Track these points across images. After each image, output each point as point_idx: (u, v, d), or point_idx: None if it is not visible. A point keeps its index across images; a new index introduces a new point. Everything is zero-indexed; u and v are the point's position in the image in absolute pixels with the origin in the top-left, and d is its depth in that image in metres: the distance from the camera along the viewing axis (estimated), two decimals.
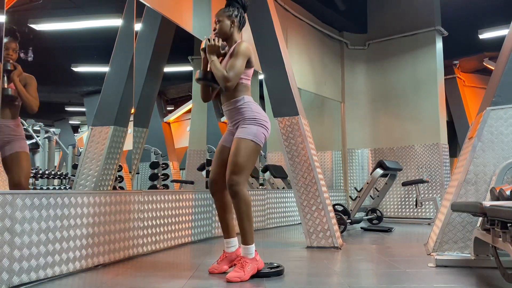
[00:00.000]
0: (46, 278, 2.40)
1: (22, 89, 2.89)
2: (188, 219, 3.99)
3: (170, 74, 6.25)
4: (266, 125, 2.58)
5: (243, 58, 2.52)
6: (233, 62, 2.50)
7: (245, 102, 2.57)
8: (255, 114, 2.56)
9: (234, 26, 2.65)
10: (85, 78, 4.88)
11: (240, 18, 2.67)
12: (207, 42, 2.57)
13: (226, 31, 2.64)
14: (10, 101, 2.85)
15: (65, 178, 4.78)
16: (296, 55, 6.23)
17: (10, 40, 2.91)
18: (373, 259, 3.28)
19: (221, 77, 2.47)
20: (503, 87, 3.18)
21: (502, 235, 2.04)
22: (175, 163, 6.95)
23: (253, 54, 2.59)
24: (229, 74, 2.46)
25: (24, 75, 2.95)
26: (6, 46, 2.87)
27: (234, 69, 2.47)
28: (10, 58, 2.90)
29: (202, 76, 2.64)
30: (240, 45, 2.55)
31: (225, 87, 2.49)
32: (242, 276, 2.39)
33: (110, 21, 4.62)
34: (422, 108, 6.71)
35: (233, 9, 2.65)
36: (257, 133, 2.52)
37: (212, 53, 2.56)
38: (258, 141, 2.52)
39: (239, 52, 2.51)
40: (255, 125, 2.53)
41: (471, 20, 7.36)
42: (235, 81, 2.49)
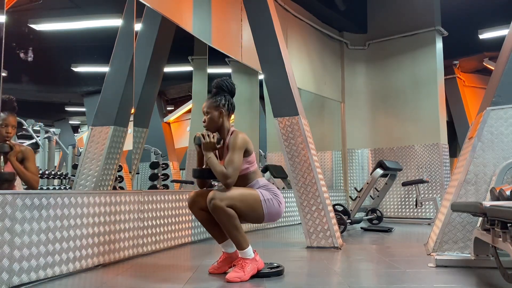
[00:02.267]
0: (46, 278, 2.40)
1: (21, 168, 2.81)
2: (188, 219, 3.99)
3: (170, 74, 6.26)
4: (279, 200, 2.54)
5: (240, 151, 2.46)
6: (231, 157, 2.44)
7: (261, 185, 2.55)
8: (271, 188, 2.55)
9: (223, 115, 2.59)
10: (85, 78, 4.88)
11: (228, 105, 2.61)
12: (202, 139, 2.51)
13: (216, 122, 2.59)
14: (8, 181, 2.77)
15: (65, 178, 4.78)
16: (296, 55, 6.23)
17: (9, 114, 2.79)
18: (373, 259, 3.28)
19: (221, 175, 2.42)
20: (503, 87, 3.18)
21: (502, 235, 2.04)
22: (175, 163, 6.95)
23: (249, 143, 2.54)
24: (228, 171, 2.41)
25: (21, 149, 2.86)
26: (5, 123, 2.77)
27: (232, 165, 2.42)
28: (8, 136, 2.81)
29: (199, 175, 2.61)
30: (236, 138, 2.49)
31: (226, 185, 2.42)
32: (242, 276, 2.39)
33: (110, 21, 4.62)
34: (422, 108, 6.71)
35: (220, 98, 2.59)
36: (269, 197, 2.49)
37: (208, 150, 2.50)
38: (263, 201, 2.47)
39: (235, 146, 2.46)
40: (269, 194, 2.52)
41: (471, 20, 7.36)
42: (235, 177, 2.44)
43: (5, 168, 2.80)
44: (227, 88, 2.64)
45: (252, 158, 2.58)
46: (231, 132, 2.60)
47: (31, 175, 2.85)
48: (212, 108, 2.59)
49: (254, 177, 2.58)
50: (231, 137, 2.55)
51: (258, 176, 2.59)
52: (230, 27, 5.11)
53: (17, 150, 2.82)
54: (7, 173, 2.78)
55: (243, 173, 2.54)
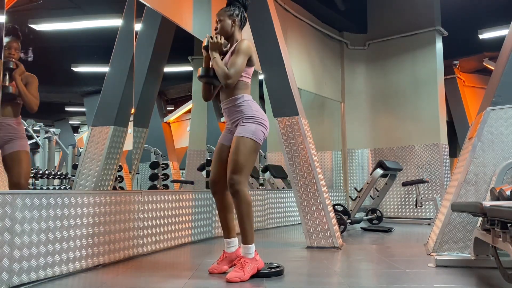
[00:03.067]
0: (46, 278, 2.40)
1: (23, 87, 2.89)
2: (188, 219, 3.99)
3: (170, 74, 6.25)
4: (265, 124, 2.59)
5: (244, 56, 2.53)
6: (234, 59, 2.51)
7: (245, 100, 2.58)
8: (254, 112, 2.57)
9: (235, 25, 2.67)
10: (85, 78, 4.88)
11: (241, 17, 2.69)
12: (209, 39, 2.58)
13: (227, 30, 2.66)
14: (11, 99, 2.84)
15: (65, 178, 4.78)
16: (296, 55, 6.23)
17: (12, 39, 2.90)
18: (373, 259, 3.28)
19: (222, 74, 2.49)
20: (503, 87, 3.18)
21: (502, 235, 2.04)
22: (175, 163, 6.95)
23: (254, 53, 2.61)
24: (230, 71, 2.48)
25: (26, 74, 2.94)
26: (8, 46, 2.87)
27: (235, 66, 2.49)
28: (12, 57, 2.90)
29: (204, 73, 2.65)
30: (242, 43, 2.56)
31: (225, 84, 2.50)
32: (242, 276, 2.39)
33: (110, 21, 4.62)
34: (422, 108, 6.71)
35: (234, 8, 2.67)
36: (256, 131, 2.53)
37: (214, 50, 2.58)
38: (257, 139, 2.53)
39: (241, 50, 2.53)
40: (254, 124, 2.54)
41: (471, 20, 7.36)
42: (235, 78, 2.50)
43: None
44: (242, 1, 2.71)
45: (250, 70, 2.64)
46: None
47: (32, 97, 2.92)
48: (225, 16, 2.66)
49: (243, 89, 2.61)
50: (237, 43, 2.60)
51: (246, 91, 2.62)
52: None
53: (21, 69, 2.90)
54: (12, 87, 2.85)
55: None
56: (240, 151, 2.48)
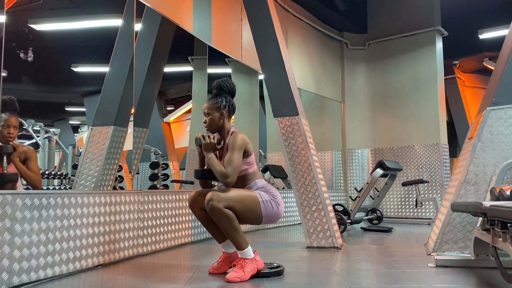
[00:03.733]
0: (46, 278, 2.40)
1: (24, 169, 2.83)
2: (188, 219, 3.99)
3: (170, 74, 6.26)
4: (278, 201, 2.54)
5: (239, 151, 2.48)
6: (230, 157, 2.45)
7: (259, 187, 2.56)
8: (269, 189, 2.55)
9: (224, 116, 2.61)
10: (85, 78, 4.88)
11: (229, 106, 2.63)
12: (202, 140, 2.54)
13: (216, 123, 2.61)
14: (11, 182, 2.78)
15: (65, 178, 4.78)
16: (296, 55, 6.23)
17: (11, 115, 2.80)
18: (373, 259, 3.28)
19: (220, 174, 2.43)
20: (503, 87, 3.18)
21: (502, 235, 2.04)
22: (175, 163, 6.95)
23: (249, 143, 2.56)
24: (228, 170, 2.42)
25: (23, 150, 2.86)
26: (7, 124, 2.78)
27: (231, 165, 2.43)
28: (11, 137, 2.81)
29: (200, 176, 2.64)
30: (235, 138, 2.50)
31: (225, 183, 2.44)
32: (242, 276, 2.39)
33: (110, 21, 4.62)
34: (422, 108, 6.71)
35: (221, 100, 2.61)
36: (267, 199, 2.50)
37: (209, 151, 2.52)
38: (261, 202, 2.48)
39: (234, 146, 2.48)
40: (268, 195, 2.52)
41: (471, 20, 7.36)
42: (235, 176, 2.45)
43: (8, 169, 2.80)
44: (228, 89, 2.65)
45: (251, 159, 2.59)
46: (231, 132, 2.61)
47: (34, 175, 2.86)
48: (213, 109, 2.60)
49: (253, 178, 2.58)
50: (230, 137, 2.56)
51: (257, 178, 2.60)
52: (230, 27, 5.11)
53: (20, 151, 2.83)
54: (11, 174, 2.79)
55: (242, 174, 2.54)
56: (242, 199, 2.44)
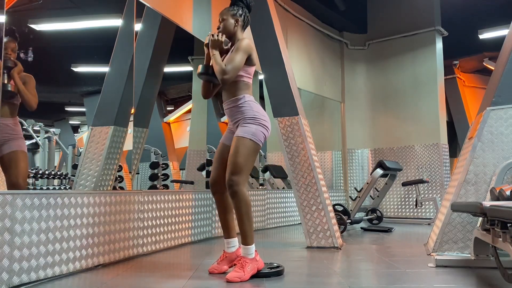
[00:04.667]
0: (46, 278, 2.40)
1: (22, 86, 2.89)
2: (188, 219, 3.99)
3: (170, 74, 6.25)
4: (266, 125, 2.58)
5: (243, 54, 2.52)
6: (232, 56, 2.51)
7: (246, 101, 2.58)
8: (255, 113, 2.56)
9: (238, 25, 2.66)
10: (85, 78, 4.88)
11: (244, 17, 2.69)
12: (211, 37, 2.58)
13: (230, 30, 2.66)
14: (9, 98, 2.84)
15: (65, 178, 4.78)
16: (296, 55, 6.23)
17: (9, 39, 2.90)
18: (373, 259, 3.28)
19: (219, 70, 2.48)
20: (503, 87, 3.18)
21: (502, 235, 2.04)
22: (175, 163, 6.95)
23: (254, 51, 2.60)
24: (227, 67, 2.47)
25: (22, 74, 2.94)
26: (6, 46, 2.86)
27: (232, 63, 2.48)
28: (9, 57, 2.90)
29: (204, 71, 2.65)
30: (242, 41, 2.56)
31: (221, 80, 2.49)
32: (242, 276, 2.39)
33: (110, 21, 4.62)
34: (422, 108, 6.71)
35: (238, 8, 2.67)
36: (256, 132, 2.52)
37: (215, 47, 2.57)
38: (257, 140, 2.52)
39: (240, 47, 2.52)
40: (255, 124, 2.54)
41: (471, 20, 7.36)
42: (232, 74, 2.48)
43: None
44: (246, 1, 2.71)
45: (251, 70, 2.62)
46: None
47: (30, 95, 2.93)
48: (228, 15, 2.66)
49: (244, 89, 2.60)
50: (238, 41, 2.59)
51: (247, 91, 2.62)
52: None
53: (20, 68, 2.90)
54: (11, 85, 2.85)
55: (236, 80, 2.57)
56: (239, 152, 2.47)
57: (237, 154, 2.47)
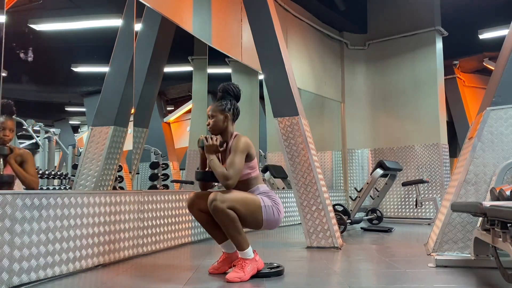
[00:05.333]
0: (46, 278, 2.40)
1: (20, 170, 2.82)
2: (188, 219, 3.99)
3: (170, 74, 6.25)
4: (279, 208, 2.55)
5: (242, 154, 2.47)
6: (232, 159, 2.45)
7: (261, 192, 2.56)
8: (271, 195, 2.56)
9: (228, 119, 2.60)
10: (85, 78, 4.88)
11: (233, 110, 2.63)
12: (205, 141, 2.53)
13: (220, 126, 2.60)
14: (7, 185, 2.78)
15: (65, 178, 4.78)
16: (296, 55, 6.23)
17: (7, 118, 2.81)
18: (373, 259, 3.28)
19: (221, 176, 2.43)
20: (503, 87, 3.18)
21: (502, 235, 2.04)
22: (175, 163, 6.95)
23: (252, 147, 2.55)
24: (229, 172, 2.42)
25: (20, 152, 2.87)
26: (3, 126, 2.79)
27: (233, 167, 2.43)
28: (7, 139, 2.81)
29: (201, 177, 2.63)
30: (238, 141, 2.50)
31: (226, 186, 2.44)
32: (242, 277, 2.39)
33: (110, 21, 4.62)
34: (422, 108, 6.71)
35: (226, 103, 2.61)
36: (268, 203, 2.51)
37: (211, 152, 2.52)
38: (263, 206, 2.48)
39: (237, 149, 2.48)
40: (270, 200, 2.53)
41: (471, 20, 7.36)
42: (236, 179, 2.44)
43: (4, 171, 2.81)
44: (233, 93, 2.65)
45: (254, 164, 2.58)
46: (234, 135, 2.61)
47: (30, 178, 2.86)
48: (217, 112, 2.60)
49: (255, 183, 2.58)
50: (233, 140, 2.56)
51: (259, 182, 2.60)
52: (230, 27, 5.11)
53: (16, 153, 2.83)
54: (7, 175, 2.79)
55: (244, 178, 2.54)
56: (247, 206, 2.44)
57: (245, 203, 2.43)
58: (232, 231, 2.42)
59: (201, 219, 2.60)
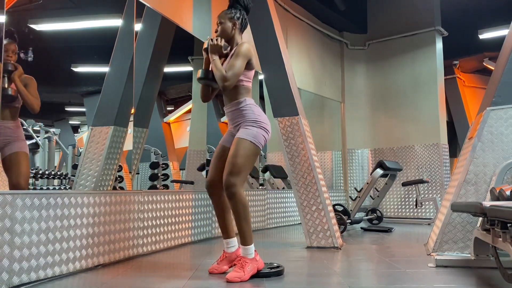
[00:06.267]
0: (46, 278, 2.40)
1: (23, 89, 2.89)
2: (188, 219, 3.99)
3: (170, 74, 6.25)
4: (266, 128, 2.58)
5: (243, 59, 2.52)
6: (233, 62, 2.50)
7: (247, 104, 2.58)
8: (256, 116, 2.56)
9: (236, 28, 2.66)
10: (85, 78, 4.88)
11: (242, 20, 2.68)
12: (210, 42, 2.57)
13: (227, 33, 2.65)
14: (10, 101, 2.84)
15: (65, 178, 4.77)
16: (296, 55, 6.23)
17: (9, 41, 2.89)
18: (373, 259, 3.28)
19: (220, 76, 2.48)
20: (503, 87, 3.18)
21: (502, 235, 2.04)
22: (175, 163, 6.95)
23: (254, 56, 2.59)
24: (228, 74, 2.47)
25: (24, 77, 2.94)
26: (6, 48, 2.86)
27: (233, 69, 2.48)
28: (10, 59, 2.89)
29: (204, 75, 2.65)
30: (241, 46, 2.55)
31: (222, 87, 2.49)
32: (242, 276, 2.39)
33: (110, 21, 4.62)
34: (422, 108, 6.71)
35: (235, 11, 2.66)
36: (257, 135, 2.52)
37: (214, 52, 2.57)
38: (257, 143, 2.52)
39: (240, 53, 2.52)
40: (256, 127, 2.54)
41: (471, 20, 7.36)
42: (233, 81, 2.49)
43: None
44: (244, 3, 2.70)
45: (250, 74, 2.62)
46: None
47: (33, 98, 2.92)
48: (226, 19, 2.65)
49: (245, 93, 2.60)
50: (237, 45, 2.59)
51: (247, 95, 2.62)
52: None
53: (20, 71, 2.89)
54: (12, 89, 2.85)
55: (237, 84, 2.57)
56: (239, 153, 2.47)
57: (236, 155, 2.47)
58: (242, 219, 2.46)
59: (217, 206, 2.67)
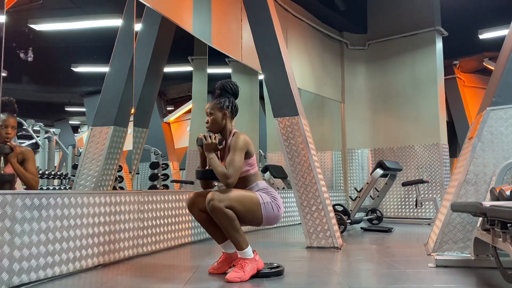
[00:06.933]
0: (46, 278, 2.40)
1: (21, 170, 2.81)
2: (188, 219, 3.99)
3: (170, 74, 6.26)
4: (278, 203, 2.55)
5: (241, 153, 2.47)
6: (231, 158, 2.45)
7: (260, 188, 2.55)
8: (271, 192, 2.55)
9: (227, 116, 2.61)
10: (85, 78, 4.88)
11: (231, 107, 2.63)
12: (204, 140, 2.53)
13: (219, 123, 2.60)
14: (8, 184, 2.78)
15: (65, 178, 4.78)
16: (296, 55, 6.23)
17: (9, 115, 2.78)
18: (373, 259, 3.28)
19: (222, 175, 2.43)
20: (503, 87, 3.18)
21: (502, 235, 2.04)
22: (175, 163, 6.95)
23: (250, 145, 2.55)
24: (229, 171, 2.42)
25: (21, 150, 2.85)
26: (5, 124, 2.77)
27: (233, 165, 2.43)
28: (9, 138, 2.80)
29: (202, 176, 2.62)
30: (237, 139, 2.50)
31: (226, 184, 2.44)
32: (242, 276, 2.39)
33: (110, 21, 4.62)
34: (422, 108, 6.71)
35: (224, 100, 2.61)
36: (267, 199, 2.51)
37: (210, 151, 2.51)
38: (262, 203, 2.48)
39: (236, 147, 2.47)
40: (267, 195, 2.53)
41: (471, 20, 7.36)
42: (236, 177, 2.44)
43: (5, 170, 2.80)
44: (231, 90, 2.65)
45: (252, 161, 2.58)
46: (233, 133, 2.61)
47: (31, 176, 2.85)
48: (215, 110, 2.60)
49: (254, 179, 2.58)
50: (232, 138, 2.56)
51: (258, 179, 2.60)
52: (230, 27, 5.11)
53: (17, 151, 2.81)
54: (8, 174, 2.78)
55: (243, 175, 2.54)
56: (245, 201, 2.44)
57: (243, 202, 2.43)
58: (230, 230, 2.42)
59: (201, 219, 2.60)
